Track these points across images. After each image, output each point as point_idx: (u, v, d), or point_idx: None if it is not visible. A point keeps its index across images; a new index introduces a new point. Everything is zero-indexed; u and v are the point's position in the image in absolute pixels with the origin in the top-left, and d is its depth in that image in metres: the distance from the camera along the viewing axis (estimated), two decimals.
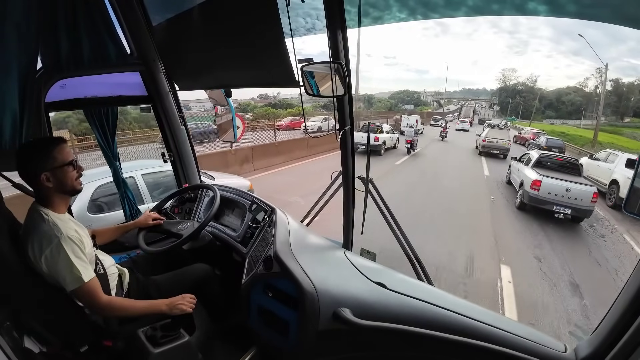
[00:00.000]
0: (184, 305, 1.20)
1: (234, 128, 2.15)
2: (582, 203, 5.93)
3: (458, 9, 1.17)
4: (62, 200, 1.15)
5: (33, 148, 1.10)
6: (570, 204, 5.95)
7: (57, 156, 1.09)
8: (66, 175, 1.10)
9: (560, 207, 6.00)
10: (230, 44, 1.41)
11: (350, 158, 1.47)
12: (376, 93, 72.26)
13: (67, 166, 1.10)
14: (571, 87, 52.64)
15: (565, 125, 42.67)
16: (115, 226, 1.55)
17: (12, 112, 1.28)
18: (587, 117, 44.45)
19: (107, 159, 1.93)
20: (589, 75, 53.76)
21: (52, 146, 1.09)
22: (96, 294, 1.08)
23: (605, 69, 32.62)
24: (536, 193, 6.23)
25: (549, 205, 6.07)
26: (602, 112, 43.20)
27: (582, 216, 6.07)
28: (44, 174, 1.06)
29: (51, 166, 1.07)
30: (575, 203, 5.94)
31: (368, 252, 1.86)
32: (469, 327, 0.98)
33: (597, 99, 44.16)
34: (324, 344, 1.09)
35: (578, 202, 5.94)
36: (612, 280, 4.02)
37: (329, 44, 1.14)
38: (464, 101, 66.77)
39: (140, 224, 1.54)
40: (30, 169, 1.07)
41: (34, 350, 1.07)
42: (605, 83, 37.27)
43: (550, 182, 6.15)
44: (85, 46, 1.52)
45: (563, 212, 5.99)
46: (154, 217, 1.57)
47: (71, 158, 1.12)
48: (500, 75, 65.46)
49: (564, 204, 5.98)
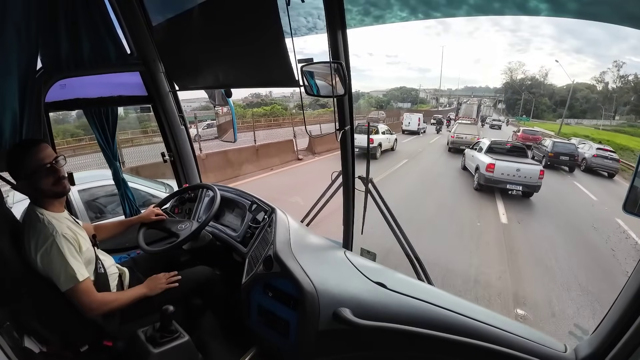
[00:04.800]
0: (163, 284, 1.27)
1: (234, 128, 2.14)
2: (531, 180, 6.94)
3: (459, 8, 1.16)
4: (54, 200, 1.14)
5: (8, 156, 1.09)
6: (521, 181, 6.96)
7: (29, 162, 1.06)
8: (40, 182, 1.07)
9: (513, 185, 7.01)
10: (231, 43, 1.41)
11: (350, 158, 1.47)
12: (372, 90, 69.61)
13: (40, 172, 1.07)
14: (581, 83, 48.48)
15: (580, 125, 39.04)
16: (119, 221, 1.56)
17: (12, 112, 1.28)
18: (602, 116, 40.90)
19: (107, 159, 1.92)
20: (604, 70, 49.94)
21: (24, 151, 1.07)
22: (90, 293, 1.09)
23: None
24: (491, 174, 7.20)
25: (503, 184, 7.07)
26: (618, 110, 40.99)
27: (532, 191, 7.10)
28: (19, 182, 1.08)
29: (24, 174, 1.06)
30: (525, 181, 6.96)
31: (368, 252, 1.86)
32: (469, 327, 0.98)
33: (615, 95, 41.67)
34: (324, 344, 1.09)
35: (527, 179, 6.95)
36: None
37: (329, 44, 1.13)
38: (465, 98, 60.74)
39: (143, 219, 1.55)
40: (13, 175, 1.09)
41: (34, 350, 1.07)
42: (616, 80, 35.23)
43: (503, 164, 7.14)
44: (85, 46, 1.52)
45: (515, 189, 7.04)
46: (157, 212, 1.57)
47: (44, 162, 1.07)
48: (506, 68, 59.12)
49: (516, 182, 6.98)
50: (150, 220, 1.55)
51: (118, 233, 1.50)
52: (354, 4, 1.28)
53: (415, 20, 1.29)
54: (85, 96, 1.66)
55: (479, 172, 7.69)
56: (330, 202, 2.06)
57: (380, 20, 1.37)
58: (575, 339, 1.01)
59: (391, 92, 66.01)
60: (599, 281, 3.90)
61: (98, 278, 1.18)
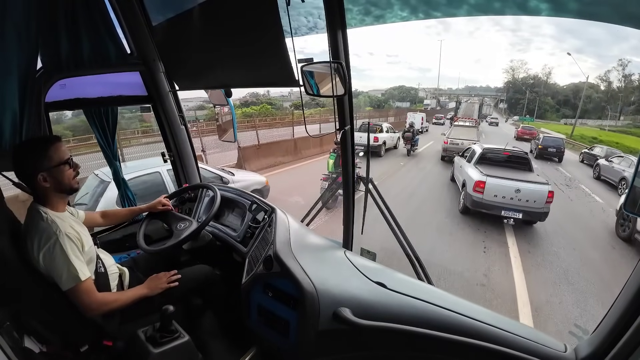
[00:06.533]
0: (163, 284, 1.27)
1: (234, 128, 2.15)
2: (534, 205, 4.89)
3: (460, 8, 1.16)
4: (60, 198, 1.15)
5: (28, 148, 1.10)
6: (521, 207, 4.92)
7: (53, 155, 1.08)
8: (63, 175, 1.10)
9: (510, 212, 4.94)
10: (231, 43, 1.40)
11: (350, 158, 1.47)
12: (370, 90, 68.68)
13: (64, 165, 1.10)
14: (584, 82, 46.98)
15: (585, 126, 36.93)
16: (127, 209, 1.60)
17: (12, 112, 1.28)
18: (608, 116, 40.36)
19: (107, 159, 1.92)
20: (609, 69, 48.68)
21: (48, 145, 1.09)
22: (91, 293, 1.09)
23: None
24: (480, 196, 5.15)
25: (496, 210, 5.04)
26: (622, 110, 40.51)
27: (536, 220, 5.09)
28: (40, 174, 1.06)
29: (47, 166, 1.07)
30: (527, 206, 4.91)
31: (368, 252, 1.86)
32: (469, 326, 0.98)
33: (621, 94, 40.89)
34: (324, 344, 1.09)
35: (530, 204, 4.89)
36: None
37: (329, 44, 1.13)
38: (465, 97, 59.14)
39: (150, 208, 1.57)
40: (27, 169, 1.07)
41: (34, 350, 1.07)
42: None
43: (496, 183, 5.12)
44: (85, 46, 1.52)
45: (513, 217, 4.94)
46: (163, 202, 1.58)
47: (67, 157, 1.12)
48: (508, 67, 58.29)
49: (514, 207, 4.94)
50: (156, 210, 1.57)
51: (125, 220, 1.59)
52: (355, 3, 1.28)
53: (416, 20, 1.29)
54: (85, 96, 1.66)
55: (465, 191, 5.73)
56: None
57: (381, 20, 1.37)
58: (575, 338, 1.00)
59: (389, 91, 65.53)
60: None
61: (98, 277, 1.18)
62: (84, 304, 1.08)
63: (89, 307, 1.09)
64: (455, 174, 7.41)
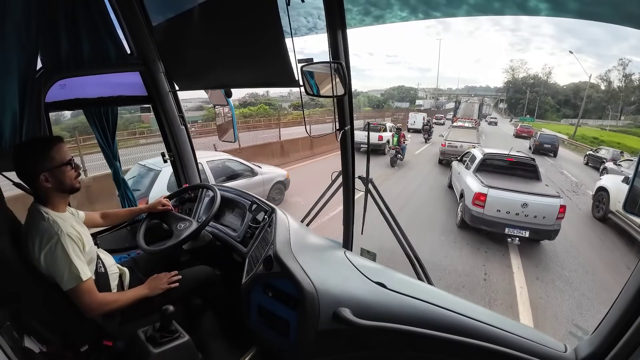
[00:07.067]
0: (164, 284, 1.28)
1: (234, 128, 2.14)
2: (544, 222, 4.21)
3: (459, 8, 1.16)
4: (62, 199, 1.15)
5: (30, 148, 1.10)
6: (529, 223, 4.24)
7: (55, 156, 1.09)
8: (65, 175, 1.11)
9: (515, 230, 4.26)
10: (231, 43, 1.40)
11: (350, 158, 1.47)
12: (370, 90, 68.70)
13: (65, 166, 1.11)
14: (584, 82, 46.28)
15: (585, 126, 35.81)
16: (127, 209, 1.60)
17: (12, 112, 1.28)
18: (609, 116, 39.89)
19: (107, 159, 1.92)
20: (610, 69, 48.57)
21: (50, 146, 1.09)
22: (92, 293, 1.09)
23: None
24: (480, 211, 4.45)
25: (499, 227, 4.36)
26: (623, 110, 40.29)
27: (545, 238, 4.39)
28: (42, 174, 1.06)
29: (49, 166, 1.07)
30: (535, 222, 4.23)
31: (368, 252, 1.86)
32: (469, 327, 0.98)
33: (622, 94, 40.75)
34: (324, 344, 1.09)
35: (539, 220, 4.21)
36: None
37: (329, 44, 1.13)
38: (464, 97, 58.29)
39: (150, 208, 1.57)
40: (28, 169, 1.07)
41: (34, 350, 1.07)
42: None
43: (499, 195, 4.41)
44: (85, 46, 1.52)
45: (519, 235, 4.26)
46: (163, 202, 1.59)
47: (69, 157, 1.12)
48: (508, 67, 58.15)
49: (520, 224, 4.26)
50: (156, 210, 1.57)
51: (125, 220, 1.60)
52: (354, 3, 1.28)
53: (416, 20, 1.29)
54: (85, 96, 1.66)
55: (463, 203, 4.97)
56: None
57: (381, 20, 1.37)
58: (575, 338, 1.00)
59: (389, 91, 65.55)
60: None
61: (98, 277, 1.18)
62: (84, 304, 1.08)
63: (90, 307, 1.09)
64: (452, 181, 6.75)
